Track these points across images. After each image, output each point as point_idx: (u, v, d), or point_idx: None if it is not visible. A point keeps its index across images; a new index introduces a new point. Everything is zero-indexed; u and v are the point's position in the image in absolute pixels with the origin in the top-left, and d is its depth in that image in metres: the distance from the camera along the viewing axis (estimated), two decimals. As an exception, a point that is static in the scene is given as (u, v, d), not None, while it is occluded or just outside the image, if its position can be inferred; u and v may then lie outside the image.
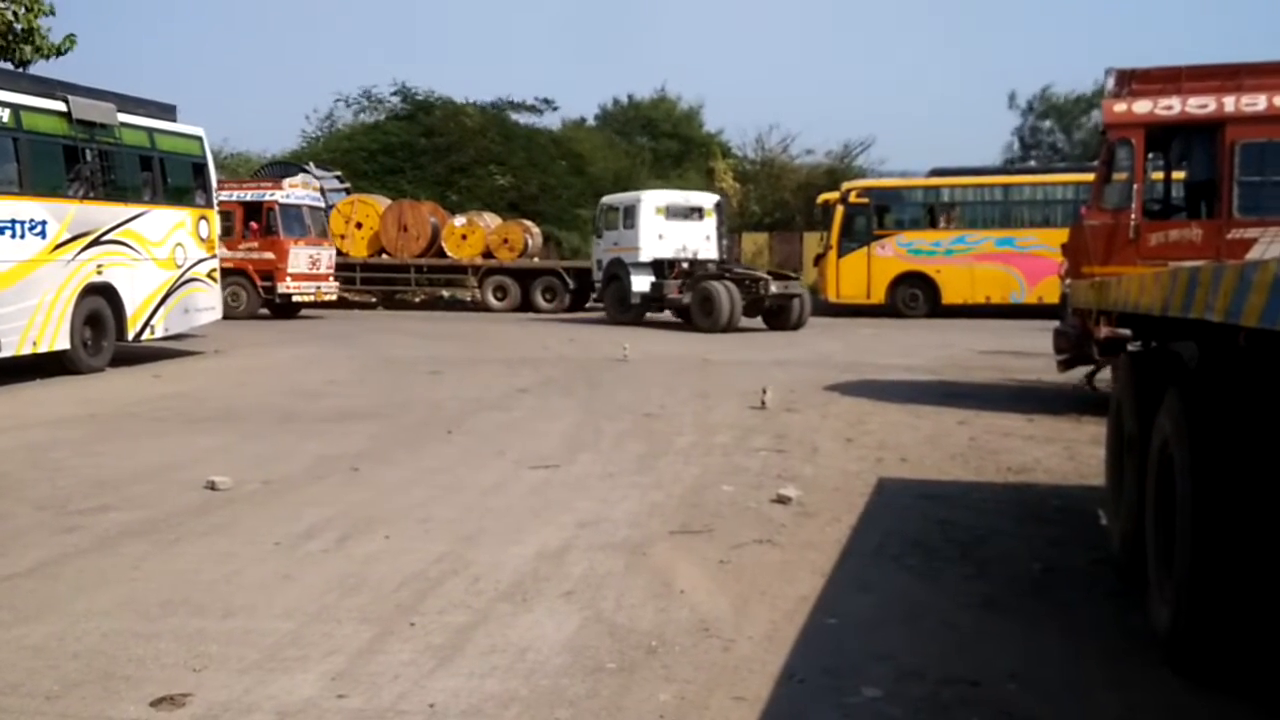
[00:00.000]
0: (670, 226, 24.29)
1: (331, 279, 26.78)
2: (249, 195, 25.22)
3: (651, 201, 24.66)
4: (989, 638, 4.45)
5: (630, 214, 24.57)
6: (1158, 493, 4.34)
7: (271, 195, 25.13)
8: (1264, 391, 3.67)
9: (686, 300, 22.66)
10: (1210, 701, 3.77)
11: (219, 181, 25.83)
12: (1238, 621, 3.65)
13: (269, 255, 24.91)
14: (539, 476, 7.68)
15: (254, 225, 24.96)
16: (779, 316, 22.54)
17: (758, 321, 22.73)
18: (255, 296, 25.12)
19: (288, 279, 24.98)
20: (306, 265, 25.59)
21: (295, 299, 25.44)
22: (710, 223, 24.82)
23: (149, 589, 5.06)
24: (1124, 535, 5.19)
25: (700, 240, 24.49)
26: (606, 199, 26.66)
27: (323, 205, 27.17)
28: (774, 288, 22.32)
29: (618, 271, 24.56)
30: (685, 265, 23.54)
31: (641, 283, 23.97)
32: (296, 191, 25.70)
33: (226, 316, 24.35)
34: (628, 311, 24.20)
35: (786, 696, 3.86)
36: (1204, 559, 3.63)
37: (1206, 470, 3.65)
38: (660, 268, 23.94)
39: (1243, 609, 3.61)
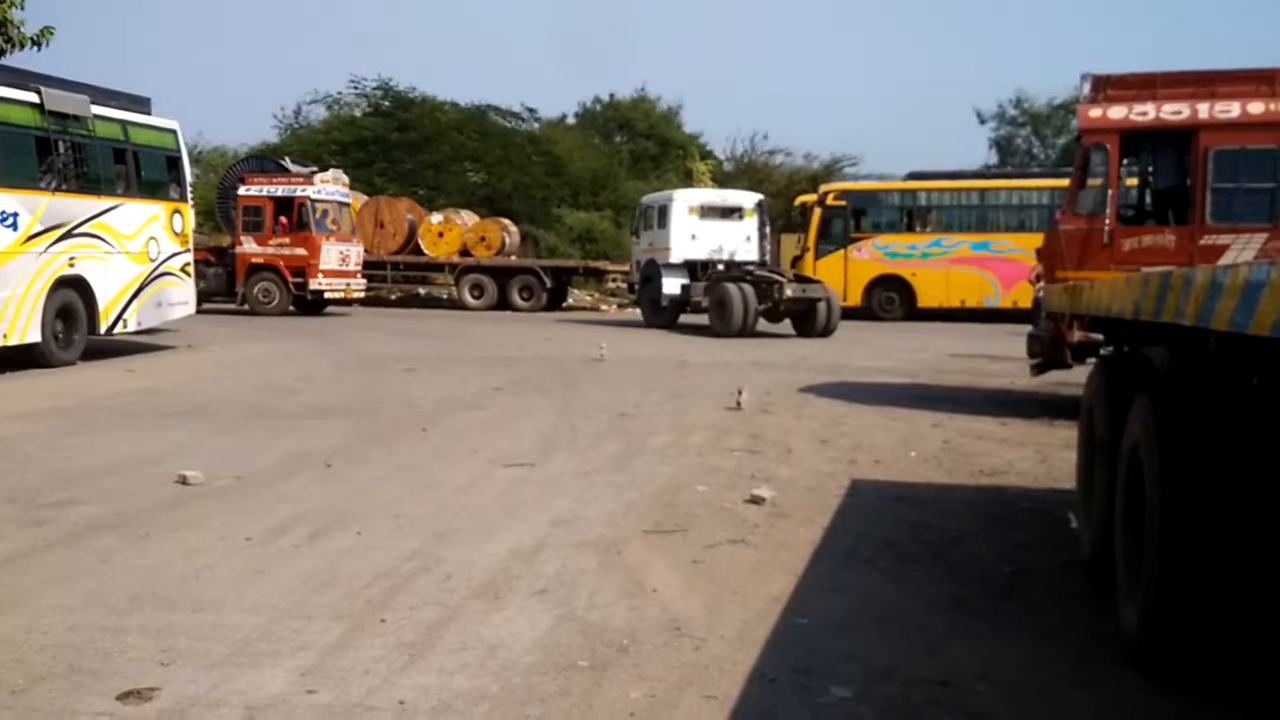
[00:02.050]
0: (705, 227, 23.11)
1: (360, 275, 26.60)
2: (280, 190, 24.90)
3: (684, 201, 23.62)
4: (959, 639, 4.47)
5: (663, 214, 23.51)
6: (1127, 496, 4.36)
7: (303, 190, 24.81)
8: (1233, 395, 3.70)
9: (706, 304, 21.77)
10: (1177, 703, 3.79)
11: (243, 176, 25.73)
12: (1205, 624, 3.67)
13: (301, 251, 24.61)
14: (513, 475, 7.67)
15: (283, 220, 24.70)
16: (805, 321, 21.40)
17: (785, 327, 21.87)
18: (286, 293, 24.87)
19: (320, 275, 24.72)
20: (337, 261, 25.34)
21: (328, 295, 25.25)
22: (750, 223, 23.45)
23: (117, 583, 5.02)
24: (1094, 538, 5.22)
25: (739, 241, 23.17)
26: (645, 198, 25.88)
27: (350, 200, 26.92)
28: (789, 290, 21.17)
29: (651, 273, 23.56)
30: (720, 267, 22.46)
31: (673, 285, 22.90)
32: (327, 187, 25.43)
33: (254, 313, 24.30)
34: (661, 314, 23.18)
35: (757, 696, 3.86)
36: (1172, 562, 3.65)
37: (1175, 474, 3.67)
38: (694, 270, 22.88)
39: (1209, 612, 3.63)
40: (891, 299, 26.81)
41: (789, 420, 10.41)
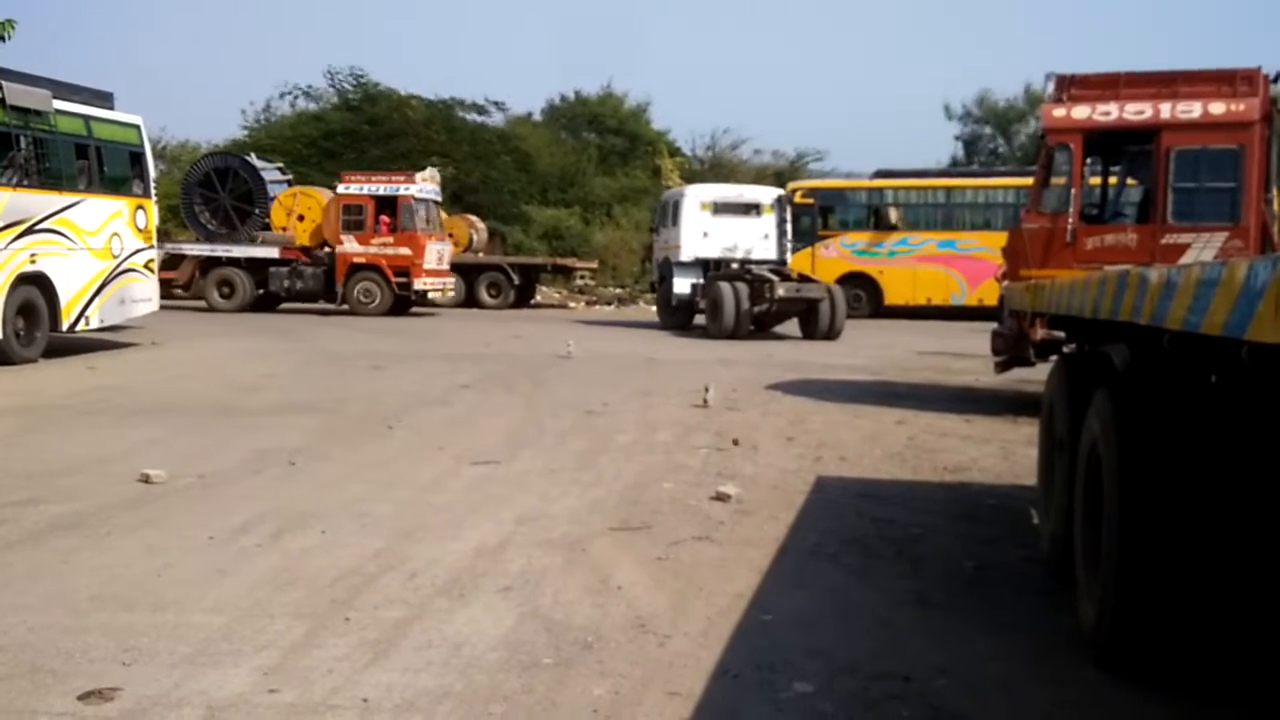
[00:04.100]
0: (718, 224, 21.81)
1: (450, 274, 26.47)
2: (381, 189, 24.61)
3: (696, 196, 22.38)
4: (921, 634, 4.51)
5: (676, 210, 22.33)
6: (1086, 493, 4.41)
7: (406, 189, 24.53)
8: (1191, 393, 3.75)
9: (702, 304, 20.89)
10: (1135, 696, 3.84)
11: (344, 175, 25.52)
12: (1161, 618, 3.72)
13: (405, 251, 24.35)
14: (479, 472, 7.66)
15: (384, 219, 24.46)
16: (807, 323, 20.52)
17: (792, 328, 21.03)
18: (389, 293, 24.60)
19: (424, 275, 24.52)
20: (435, 261, 25.14)
21: (430, 295, 25.13)
22: (769, 220, 22.11)
23: (78, 583, 4.98)
24: (1054, 534, 5.28)
25: (756, 239, 21.88)
26: (665, 194, 25.25)
27: (440, 199, 26.73)
28: (781, 290, 20.01)
29: (665, 272, 22.52)
30: (735, 266, 21.25)
31: (684, 285, 21.73)
32: (427, 186, 25.23)
33: (353, 313, 24.01)
34: (674, 315, 22.16)
35: (720, 692, 3.88)
36: (1129, 557, 3.70)
37: (1132, 470, 3.71)
38: (708, 269, 21.59)
39: (1166, 606, 3.68)
40: (858, 296, 26.85)
41: (755, 417, 10.44)
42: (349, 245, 24.66)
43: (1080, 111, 10.63)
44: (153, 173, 17.82)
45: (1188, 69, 10.71)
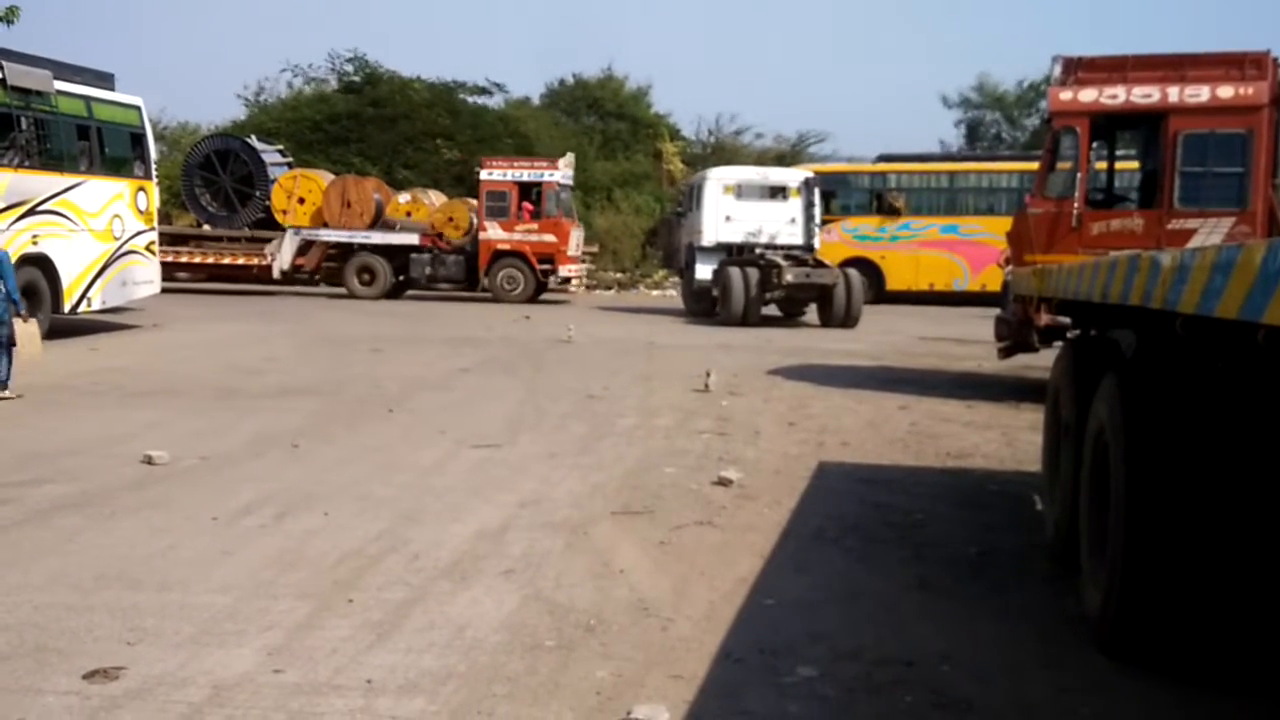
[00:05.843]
0: (742, 207, 20.90)
1: (584, 261, 26.35)
2: (525, 175, 24.47)
3: (718, 180, 21.39)
4: (924, 619, 4.50)
5: (698, 194, 21.52)
6: (1092, 478, 4.40)
7: (550, 175, 24.36)
8: (1198, 378, 3.73)
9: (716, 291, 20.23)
10: (1139, 682, 3.84)
11: (487, 160, 25.44)
12: (1166, 605, 3.72)
13: (549, 237, 24.18)
14: (480, 456, 7.65)
15: (527, 206, 24.31)
16: (824, 309, 19.85)
17: (809, 314, 20.53)
18: (532, 279, 24.40)
19: (567, 261, 24.41)
20: (576, 247, 25.03)
21: (574, 282, 25.09)
22: (795, 204, 21.15)
23: (83, 563, 4.99)
24: (1058, 520, 5.28)
25: (782, 223, 20.95)
26: (690, 178, 24.91)
27: (574, 185, 26.47)
28: (789, 275, 19.38)
29: (689, 259, 21.66)
30: (759, 252, 20.41)
31: (705, 271, 20.85)
32: (568, 172, 25.12)
33: (497, 300, 23.84)
34: (698, 302, 21.34)
35: (723, 675, 3.88)
36: (1135, 543, 3.69)
37: (1140, 456, 3.70)
38: (731, 254, 20.68)
39: (1171, 592, 3.68)
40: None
41: (757, 402, 10.43)
42: (493, 232, 24.40)
43: (1087, 94, 10.57)
44: (153, 154, 17.78)
45: (1196, 52, 10.65)
